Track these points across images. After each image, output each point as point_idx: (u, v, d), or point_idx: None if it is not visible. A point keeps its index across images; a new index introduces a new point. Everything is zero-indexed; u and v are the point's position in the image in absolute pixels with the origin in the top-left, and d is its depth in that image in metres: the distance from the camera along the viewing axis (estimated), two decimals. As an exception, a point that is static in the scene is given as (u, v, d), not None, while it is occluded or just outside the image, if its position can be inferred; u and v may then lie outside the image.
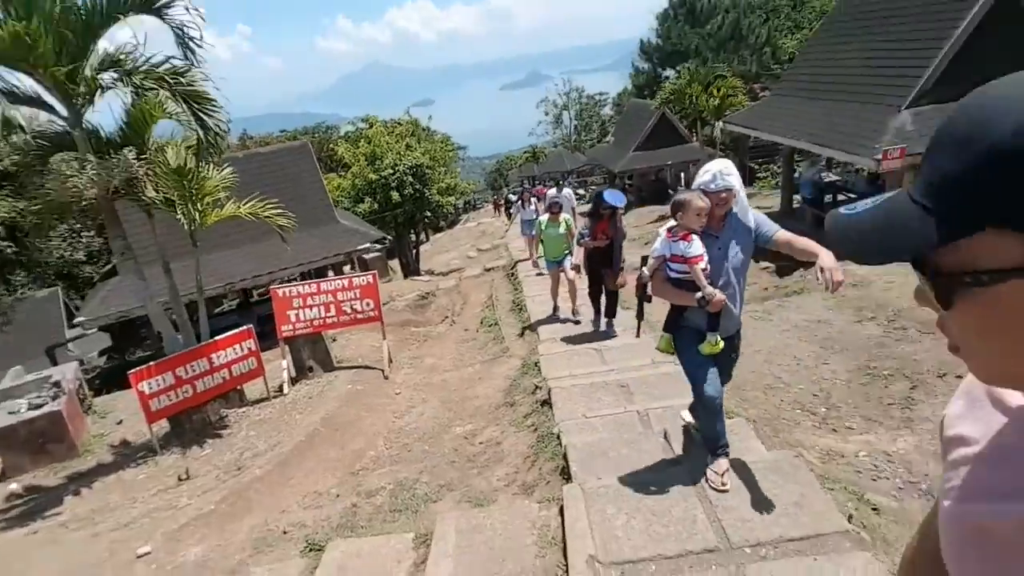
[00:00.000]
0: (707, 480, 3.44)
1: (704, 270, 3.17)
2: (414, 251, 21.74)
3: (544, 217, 7.66)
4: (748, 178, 25.68)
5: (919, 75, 9.65)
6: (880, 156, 9.13)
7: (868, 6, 12.45)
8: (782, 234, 3.25)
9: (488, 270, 14.65)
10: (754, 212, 3.34)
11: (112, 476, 6.57)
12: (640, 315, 3.89)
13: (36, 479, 7.01)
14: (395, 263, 21.16)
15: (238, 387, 7.78)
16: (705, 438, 3.62)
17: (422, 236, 26.04)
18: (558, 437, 4.68)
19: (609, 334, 7.18)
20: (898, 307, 6.68)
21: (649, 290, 3.46)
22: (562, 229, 7.50)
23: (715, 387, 3.33)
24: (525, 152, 53.22)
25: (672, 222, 3.27)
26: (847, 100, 11.33)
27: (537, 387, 6.02)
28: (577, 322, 7.76)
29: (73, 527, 5.46)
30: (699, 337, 3.34)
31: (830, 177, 14.61)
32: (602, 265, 6.79)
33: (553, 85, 56.58)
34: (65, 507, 6.04)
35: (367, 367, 8.47)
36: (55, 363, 13.82)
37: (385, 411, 6.98)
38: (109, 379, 13.39)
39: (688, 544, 3.06)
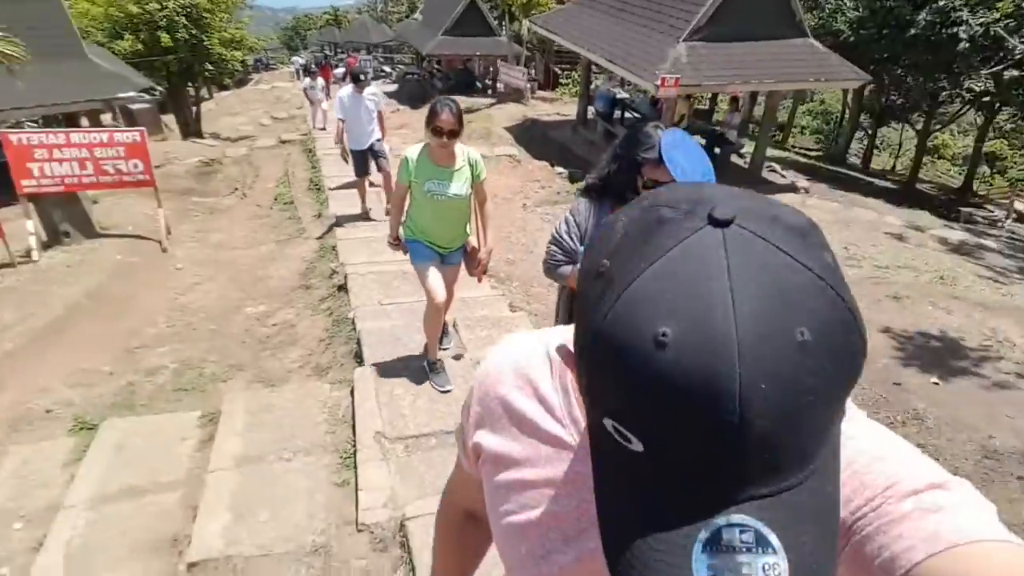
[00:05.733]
0: None
1: None
2: (194, 109, 19.15)
3: (413, 150, 3.46)
4: (552, 82, 26.46)
5: (695, 12, 10.71)
6: (659, 82, 10.12)
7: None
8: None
9: (284, 142, 13.64)
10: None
11: None
12: None
13: None
14: (171, 119, 18.51)
15: (-31, 249, 6.61)
16: None
17: (204, 92, 22.92)
18: (353, 322, 4.88)
19: None
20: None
21: None
22: (463, 185, 3.50)
23: None
24: (325, 13, 48.25)
25: None
26: (636, 24, 12.15)
27: (334, 271, 6.08)
28: (453, 352, 4.40)
29: None
30: None
31: (622, 94, 15.77)
32: None
33: (360, -60, 51.18)
34: None
35: (140, 237, 7.69)
36: None
37: (165, 287, 6.51)
38: None
39: (465, 419, 3.55)
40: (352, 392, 3.82)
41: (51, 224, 7.37)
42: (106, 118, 13.97)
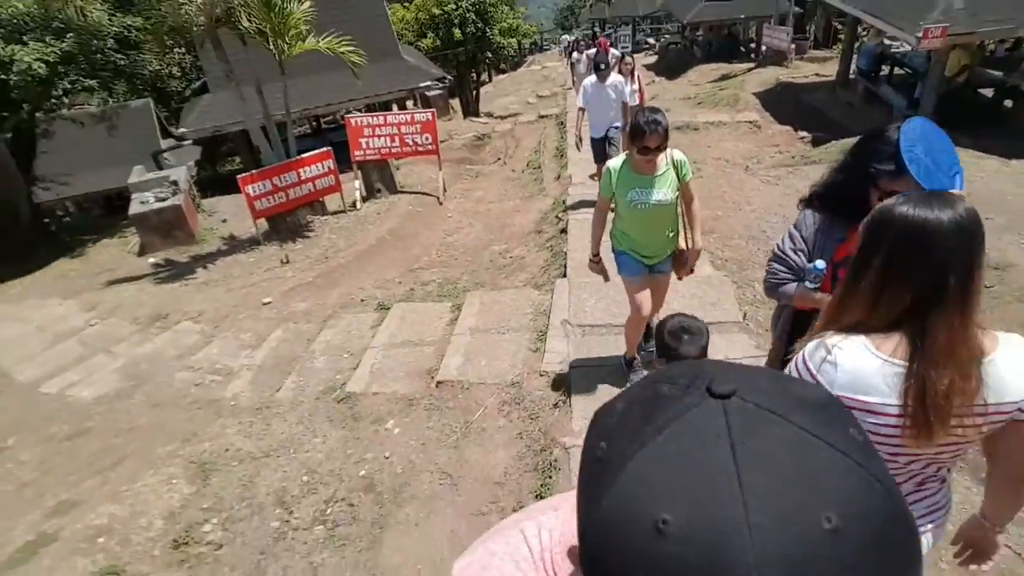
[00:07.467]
0: None
1: None
2: (474, 92, 22.37)
3: (616, 161, 3.34)
4: (831, 39, 24.39)
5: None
6: (921, 34, 9.31)
7: None
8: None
9: (542, 117, 15.51)
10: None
11: (229, 257, 8.54)
12: None
13: (169, 255, 9.07)
14: (456, 102, 21.95)
15: (320, 199, 9.48)
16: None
17: (483, 77, 26.37)
18: (565, 254, 6.17)
19: None
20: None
21: None
22: (667, 190, 3.29)
23: None
24: (597, -10, 49.89)
25: None
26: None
27: (559, 219, 7.44)
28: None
29: (212, 285, 7.48)
30: None
31: (897, 47, 14.33)
32: None
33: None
34: (199, 274, 8.06)
35: (425, 193, 10.01)
36: (160, 168, 15.87)
37: (438, 229, 8.59)
38: (205, 187, 15.45)
39: (631, 319, 4.59)
40: (552, 294, 5.12)
41: (369, 183, 10.04)
42: (409, 103, 17.37)
